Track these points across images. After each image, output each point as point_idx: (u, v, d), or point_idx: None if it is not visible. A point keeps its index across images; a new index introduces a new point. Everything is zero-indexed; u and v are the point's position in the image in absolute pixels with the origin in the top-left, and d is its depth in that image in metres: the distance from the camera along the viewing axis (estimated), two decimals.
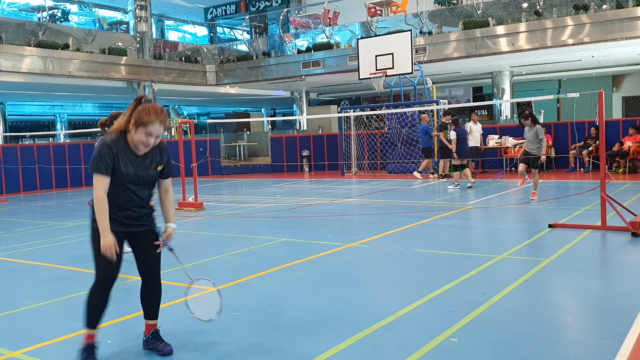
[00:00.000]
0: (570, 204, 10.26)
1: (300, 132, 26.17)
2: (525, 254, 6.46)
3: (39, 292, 5.64)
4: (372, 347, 3.82)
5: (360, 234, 8.21)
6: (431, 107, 17.68)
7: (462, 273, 5.59)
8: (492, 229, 8.46)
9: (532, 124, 10.73)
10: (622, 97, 26.34)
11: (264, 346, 3.93)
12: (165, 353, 3.85)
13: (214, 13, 35.13)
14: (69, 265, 6.83)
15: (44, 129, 31.10)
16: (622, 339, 3.73)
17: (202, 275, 6.05)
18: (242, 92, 27.31)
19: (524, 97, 21.12)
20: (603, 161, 7.86)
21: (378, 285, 5.45)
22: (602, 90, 7.87)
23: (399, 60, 17.72)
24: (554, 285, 5.15)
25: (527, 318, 4.28)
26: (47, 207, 14.12)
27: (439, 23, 19.89)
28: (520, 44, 17.90)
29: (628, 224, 7.27)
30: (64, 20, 24.71)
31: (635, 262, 6.05)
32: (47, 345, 4.12)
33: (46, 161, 18.70)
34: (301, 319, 4.45)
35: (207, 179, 20.41)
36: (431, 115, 18.54)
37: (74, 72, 20.07)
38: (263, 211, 11.25)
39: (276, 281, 5.69)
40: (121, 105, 30.43)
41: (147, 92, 23.14)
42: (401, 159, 18.92)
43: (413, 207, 10.78)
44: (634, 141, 16.03)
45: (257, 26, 31.78)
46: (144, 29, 23.28)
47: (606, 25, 16.53)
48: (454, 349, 3.73)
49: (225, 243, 7.90)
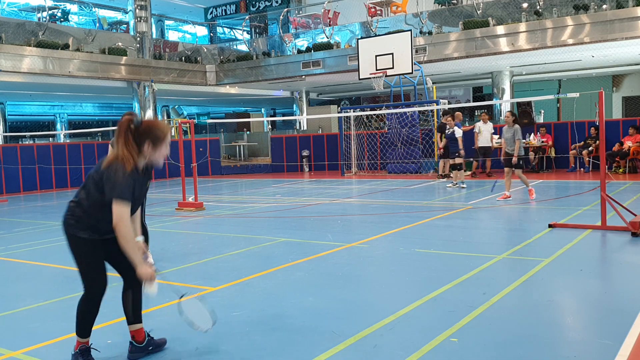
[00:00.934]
0: (570, 204, 10.26)
1: (300, 132, 26.17)
2: (526, 254, 6.46)
3: (39, 292, 5.63)
4: (372, 347, 3.82)
5: (360, 234, 8.21)
6: (431, 107, 17.68)
7: (462, 273, 5.59)
8: (492, 229, 8.47)
9: (513, 124, 10.73)
10: (622, 97, 26.34)
11: (263, 346, 3.93)
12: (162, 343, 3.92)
13: (214, 13, 35.12)
14: (69, 265, 6.82)
15: (44, 129, 31.10)
16: (622, 339, 3.74)
17: (201, 276, 6.07)
18: (242, 92, 27.31)
19: (524, 97, 21.13)
20: (603, 161, 7.86)
21: (378, 285, 5.45)
22: (602, 90, 7.87)
23: (399, 60, 17.72)
24: (554, 285, 5.15)
25: (527, 318, 4.28)
26: (47, 207, 14.12)
27: (439, 23, 19.89)
28: (520, 44, 17.90)
29: (628, 224, 7.27)
30: (64, 20, 24.70)
31: (635, 262, 6.05)
32: (47, 345, 4.12)
33: (46, 161, 18.70)
34: (301, 319, 4.45)
35: (207, 179, 20.42)
36: (431, 116, 18.55)
37: (74, 72, 20.07)
38: (263, 211, 11.25)
39: (276, 281, 5.69)
40: (121, 105, 30.45)
41: (147, 92, 23.15)
42: (401, 159, 18.92)
43: (413, 207, 10.78)
44: (634, 141, 16.02)
45: (257, 26, 31.78)
46: (144, 29, 23.27)
47: (606, 25, 16.53)
48: (454, 349, 3.73)
49: (225, 243, 7.90)
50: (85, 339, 3.71)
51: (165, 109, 33.65)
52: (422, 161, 18.64)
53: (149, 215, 11.24)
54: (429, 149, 18.50)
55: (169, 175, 21.59)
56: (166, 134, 3.58)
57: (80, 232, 3.60)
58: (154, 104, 23.56)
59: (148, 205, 13.09)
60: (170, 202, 13.33)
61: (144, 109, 23.32)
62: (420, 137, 18.72)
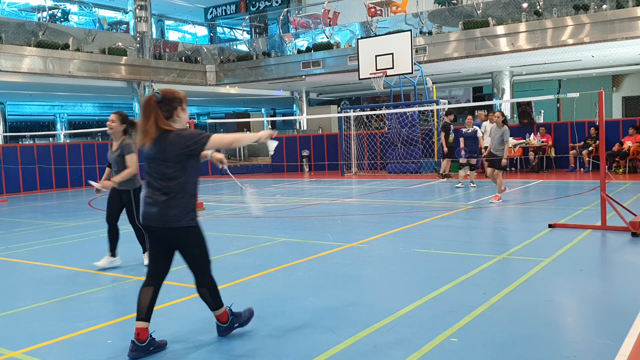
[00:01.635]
0: (570, 204, 10.26)
1: (300, 132, 26.17)
2: (525, 254, 6.46)
3: (39, 292, 5.63)
4: (372, 347, 3.82)
5: (360, 234, 8.21)
6: (431, 107, 17.68)
7: (462, 273, 5.59)
8: (492, 229, 8.47)
9: (502, 125, 10.62)
10: (622, 97, 26.33)
11: (263, 346, 3.93)
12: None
13: (214, 13, 35.11)
14: (69, 265, 6.83)
15: (44, 129, 31.10)
16: (622, 339, 3.74)
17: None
18: (242, 92, 27.31)
19: (524, 97, 21.13)
20: (603, 161, 7.86)
21: (378, 285, 5.45)
22: (602, 90, 7.87)
23: (399, 60, 17.72)
24: (554, 285, 5.15)
25: (527, 318, 4.28)
26: (47, 207, 14.12)
27: (439, 23, 19.89)
28: (520, 44, 17.90)
29: (628, 224, 7.27)
30: (64, 20, 24.70)
31: (635, 262, 6.05)
32: (47, 345, 4.12)
33: (46, 161, 18.70)
34: (301, 319, 4.45)
35: (207, 179, 20.42)
36: (431, 116, 18.55)
37: (74, 72, 20.06)
38: (263, 211, 11.25)
39: (276, 281, 5.69)
40: (121, 105, 30.42)
41: (147, 92, 23.14)
42: (401, 159, 18.92)
43: (413, 207, 10.78)
44: (634, 141, 16.03)
45: (257, 26, 31.77)
46: (144, 29, 23.27)
47: (606, 25, 16.53)
48: (454, 349, 3.73)
49: (225, 243, 7.90)
50: (224, 307, 4.06)
51: None
52: (422, 161, 18.63)
53: None
54: (429, 149, 18.51)
55: None
56: (183, 95, 3.88)
57: (197, 219, 3.91)
58: None
59: None
60: None
61: None
62: (420, 137, 18.72)
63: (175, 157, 3.73)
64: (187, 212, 3.80)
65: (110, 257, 6.57)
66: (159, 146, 3.75)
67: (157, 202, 3.78)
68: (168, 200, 3.76)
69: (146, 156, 3.82)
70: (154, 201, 3.80)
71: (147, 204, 3.84)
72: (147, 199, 3.85)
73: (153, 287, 3.90)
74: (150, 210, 3.81)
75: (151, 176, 3.83)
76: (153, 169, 3.81)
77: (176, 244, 3.87)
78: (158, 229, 3.81)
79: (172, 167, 3.75)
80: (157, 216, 3.78)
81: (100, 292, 5.60)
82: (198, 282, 3.97)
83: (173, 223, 3.76)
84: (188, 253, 3.89)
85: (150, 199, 3.82)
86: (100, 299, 5.37)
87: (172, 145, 3.72)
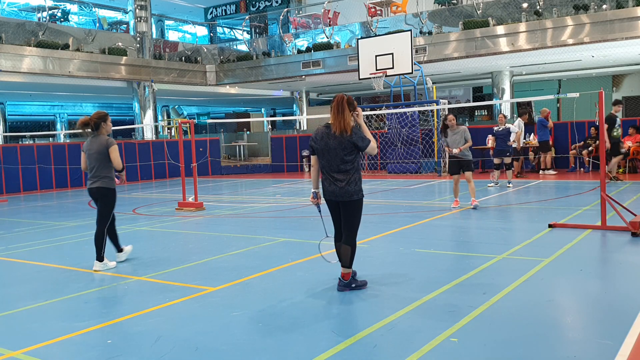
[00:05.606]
0: (570, 204, 10.26)
1: (300, 132, 26.18)
2: (525, 254, 6.45)
3: (39, 292, 5.63)
4: (372, 347, 3.82)
5: (360, 233, 8.14)
6: (431, 107, 17.68)
7: (462, 273, 5.59)
8: (492, 229, 8.46)
9: (456, 126, 10.02)
10: (622, 97, 26.34)
11: (263, 346, 3.93)
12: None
13: (214, 13, 35.13)
14: (69, 265, 6.83)
15: (44, 129, 31.12)
16: (622, 339, 3.74)
17: (201, 276, 6.07)
18: (242, 92, 27.33)
19: (524, 97, 21.14)
20: (603, 161, 7.85)
21: (378, 285, 5.44)
22: (602, 90, 7.87)
23: (399, 60, 17.71)
24: (554, 285, 5.15)
25: (527, 318, 4.28)
26: (47, 207, 14.12)
27: (439, 23, 19.90)
28: (520, 44, 17.91)
29: (628, 224, 7.26)
30: (64, 20, 24.72)
31: (635, 262, 6.05)
32: (47, 345, 4.12)
33: (46, 161, 18.70)
34: (301, 319, 4.45)
35: (207, 179, 20.42)
36: (431, 116, 18.55)
37: (74, 72, 20.08)
38: (263, 211, 11.25)
39: (276, 281, 5.69)
40: (121, 105, 30.45)
41: (147, 92, 23.16)
42: (401, 159, 18.92)
43: (413, 207, 10.78)
44: (634, 141, 16.02)
45: (257, 26, 31.78)
46: (144, 29, 23.29)
47: (606, 25, 16.54)
48: (454, 349, 3.73)
49: (225, 243, 7.90)
50: (351, 269, 5.21)
51: (165, 109, 33.67)
52: (422, 161, 18.64)
53: (149, 215, 11.24)
54: (429, 149, 18.51)
55: (169, 176, 21.61)
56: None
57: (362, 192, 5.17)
58: (154, 104, 23.57)
59: (147, 205, 13.10)
60: (170, 202, 13.34)
61: (144, 109, 23.33)
62: (420, 137, 18.72)
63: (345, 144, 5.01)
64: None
65: (118, 254, 6.91)
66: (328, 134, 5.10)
67: (337, 181, 5.05)
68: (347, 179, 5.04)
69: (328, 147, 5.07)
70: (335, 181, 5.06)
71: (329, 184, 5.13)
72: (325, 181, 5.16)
73: (339, 242, 5.22)
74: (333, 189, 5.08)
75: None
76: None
77: (346, 210, 5.10)
78: (338, 202, 5.10)
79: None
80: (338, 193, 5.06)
81: (100, 292, 5.60)
82: (345, 240, 5.12)
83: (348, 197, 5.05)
84: (350, 216, 5.13)
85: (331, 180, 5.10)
86: (100, 299, 5.37)
87: (349, 134, 5.03)
